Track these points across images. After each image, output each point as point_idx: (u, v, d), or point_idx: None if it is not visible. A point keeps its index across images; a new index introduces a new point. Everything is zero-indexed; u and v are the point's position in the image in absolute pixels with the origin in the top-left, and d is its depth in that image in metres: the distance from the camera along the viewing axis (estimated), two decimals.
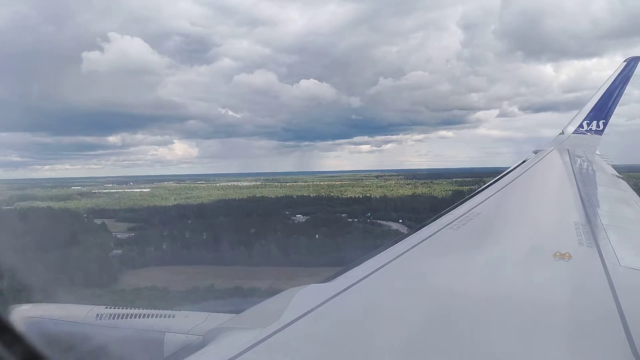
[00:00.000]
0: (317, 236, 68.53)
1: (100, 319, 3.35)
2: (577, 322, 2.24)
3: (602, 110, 10.12)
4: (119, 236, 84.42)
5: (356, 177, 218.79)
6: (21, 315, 3.45)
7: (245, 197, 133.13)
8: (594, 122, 10.11)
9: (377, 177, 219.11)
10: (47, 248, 69.60)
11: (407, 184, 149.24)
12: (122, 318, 3.33)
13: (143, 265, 62.35)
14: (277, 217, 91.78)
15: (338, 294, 2.49)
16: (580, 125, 10.23)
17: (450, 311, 2.37)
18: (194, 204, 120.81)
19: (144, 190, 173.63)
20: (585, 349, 2.03)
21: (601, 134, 10.11)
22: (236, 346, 2.06)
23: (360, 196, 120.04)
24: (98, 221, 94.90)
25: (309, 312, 2.27)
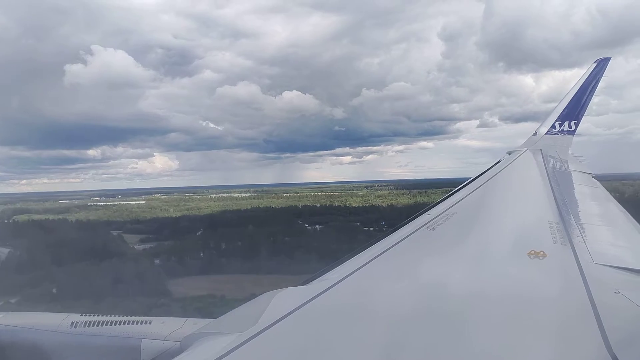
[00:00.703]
0: (342, 244, 69.58)
1: (75, 327, 3.31)
2: (553, 319, 2.28)
3: (574, 111, 10.46)
4: (136, 247, 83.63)
5: (344, 187, 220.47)
6: None
7: (249, 207, 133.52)
8: (566, 123, 10.43)
9: (366, 187, 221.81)
10: (87, 259, 68.88)
11: (403, 194, 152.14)
12: (97, 325, 3.30)
13: (183, 275, 62.30)
14: (293, 227, 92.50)
15: (316, 296, 2.51)
16: (553, 126, 10.52)
17: (427, 310, 2.42)
18: (203, 215, 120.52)
19: (139, 202, 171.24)
20: (560, 345, 2.06)
21: (573, 134, 10.41)
22: (214, 351, 2.09)
23: (366, 205, 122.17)
24: (114, 233, 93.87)
25: (286, 315, 2.29)
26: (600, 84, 10.80)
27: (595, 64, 10.66)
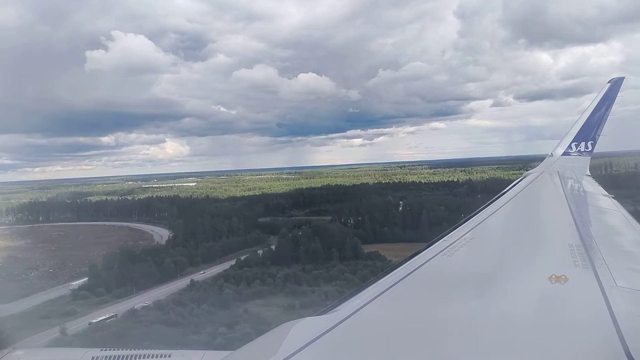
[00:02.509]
0: (462, 215, 70.65)
1: None
2: (577, 346, 2.17)
3: (590, 131, 10.24)
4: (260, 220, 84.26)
5: (374, 168, 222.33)
6: None
7: (319, 185, 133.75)
8: (582, 144, 10.21)
9: (400, 167, 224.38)
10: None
11: (449, 171, 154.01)
12: None
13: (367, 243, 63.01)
14: (397, 200, 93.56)
15: (334, 326, 2.43)
16: (569, 147, 10.24)
17: (447, 339, 2.33)
18: (282, 193, 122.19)
19: (190, 184, 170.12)
20: None
21: (590, 154, 10.12)
22: None
23: (444, 180, 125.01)
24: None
25: (305, 345, 2.20)
26: (621, 59, 11.19)
27: (609, 84, 10.58)
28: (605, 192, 7.67)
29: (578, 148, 10.17)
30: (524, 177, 8.75)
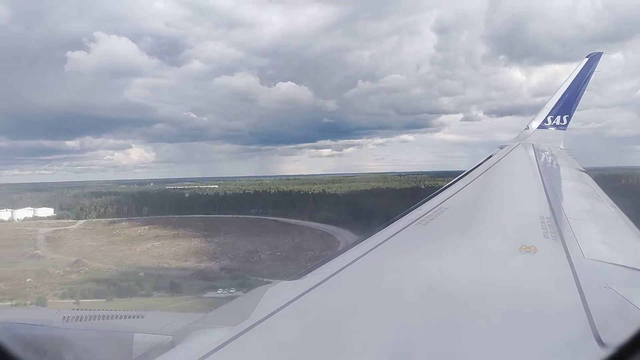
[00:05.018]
0: None
1: (67, 321, 3.20)
2: (543, 314, 2.22)
3: (566, 105, 10.20)
4: None
5: (368, 177, 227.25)
6: None
7: (369, 188, 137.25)
8: (558, 117, 10.17)
9: (400, 175, 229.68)
10: None
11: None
12: (89, 320, 3.20)
13: None
14: None
15: (308, 290, 2.48)
16: (545, 121, 10.24)
17: (419, 305, 2.36)
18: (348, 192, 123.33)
19: (213, 186, 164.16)
20: (551, 339, 2.00)
21: (565, 129, 10.16)
22: (206, 345, 2.03)
23: None
24: None
25: (279, 309, 2.25)
26: (593, 78, 10.43)
27: (587, 59, 10.34)
28: (578, 166, 7.76)
29: (554, 122, 10.25)
30: (500, 149, 8.82)
